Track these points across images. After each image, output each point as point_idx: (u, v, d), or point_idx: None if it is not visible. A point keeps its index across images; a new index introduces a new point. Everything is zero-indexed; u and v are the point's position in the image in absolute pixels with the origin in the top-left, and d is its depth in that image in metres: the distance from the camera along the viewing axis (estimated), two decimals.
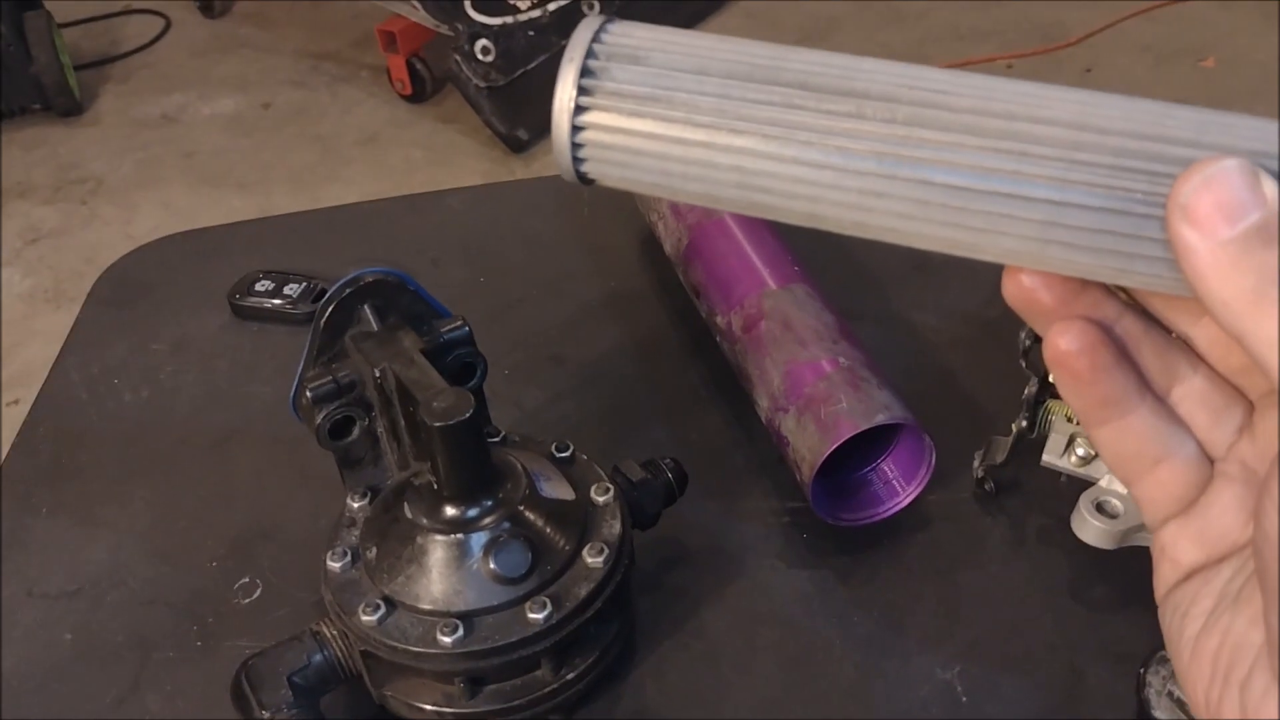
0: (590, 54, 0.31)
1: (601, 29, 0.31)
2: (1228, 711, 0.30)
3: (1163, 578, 0.33)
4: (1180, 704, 0.50)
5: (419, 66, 2.59)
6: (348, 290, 0.54)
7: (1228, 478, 0.32)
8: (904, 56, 0.31)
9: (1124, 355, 0.32)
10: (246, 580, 0.62)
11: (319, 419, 0.53)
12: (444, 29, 2.37)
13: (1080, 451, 0.57)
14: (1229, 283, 0.27)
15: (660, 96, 0.30)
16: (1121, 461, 0.33)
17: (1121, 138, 0.28)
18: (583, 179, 0.32)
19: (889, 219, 0.30)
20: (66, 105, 2.69)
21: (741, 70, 0.30)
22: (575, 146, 0.31)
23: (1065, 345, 0.31)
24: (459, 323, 0.56)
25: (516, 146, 2.42)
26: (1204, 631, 0.31)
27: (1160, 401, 0.32)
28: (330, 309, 0.54)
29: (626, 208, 0.83)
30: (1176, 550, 0.33)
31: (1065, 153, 0.28)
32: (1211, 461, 0.33)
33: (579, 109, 0.31)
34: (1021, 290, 0.31)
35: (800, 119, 0.29)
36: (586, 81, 0.30)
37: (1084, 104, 0.29)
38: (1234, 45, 2.65)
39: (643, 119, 0.30)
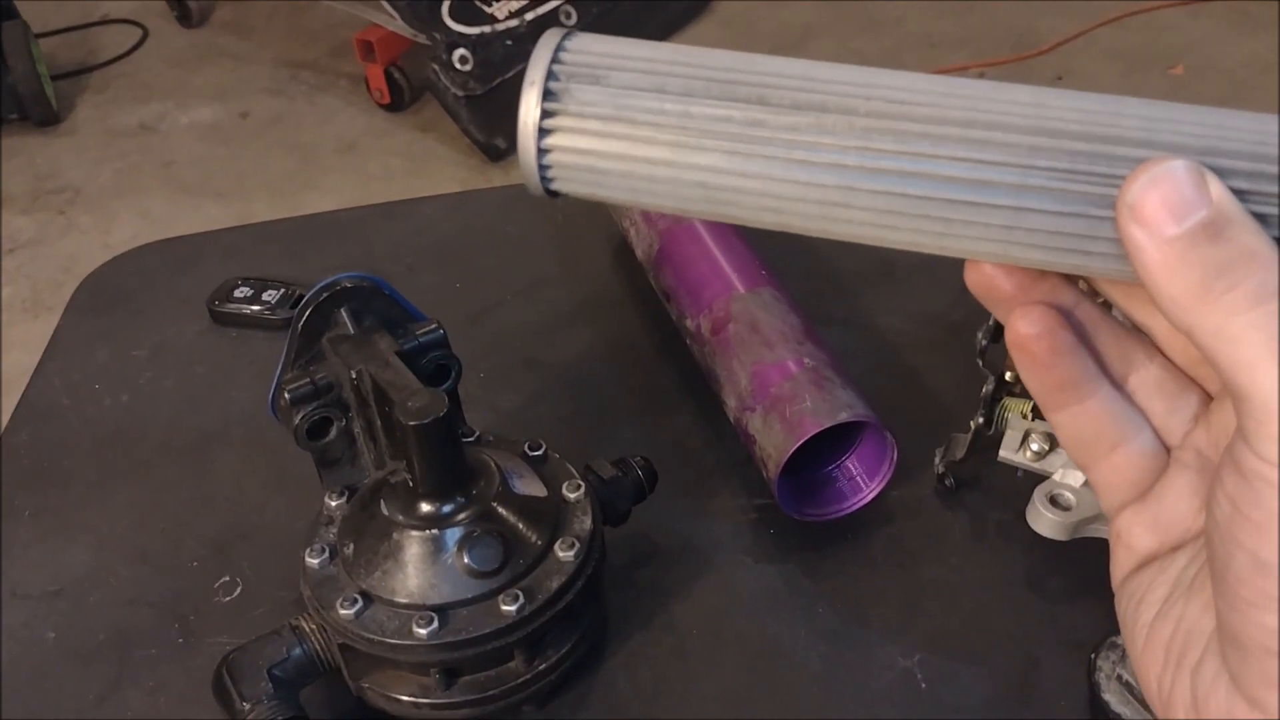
0: (551, 75, 0.31)
1: (560, 48, 0.32)
2: (1178, 697, 0.31)
3: (1119, 564, 0.34)
4: (1128, 686, 0.52)
5: (397, 75, 2.61)
6: (325, 294, 0.56)
7: (1183, 465, 0.33)
8: (878, 64, 0.33)
9: (1082, 341, 0.33)
10: (227, 579, 0.63)
11: (297, 420, 0.55)
12: (422, 38, 2.38)
13: (1035, 447, 0.59)
14: (1176, 278, 0.28)
15: (622, 116, 0.31)
16: (1079, 446, 0.34)
17: (1076, 140, 0.29)
18: (551, 194, 0.33)
19: (853, 226, 0.31)
20: (44, 115, 2.69)
21: (699, 86, 0.31)
22: (543, 166, 0.32)
23: (1025, 329, 0.32)
24: (434, 326, 0.58)
25: (494, 155, 2.44)
26: (1158, 618, 0.32)
27: (1117, 388, 0.33)
28: (308, 313, 0.55)
29: (599, 214, 0.85)
30: (1132, 537, 0.34)
31: (1022, 158, 0.29)
32: (1168, 449, 0.33)
33: (543, 132, 0.31)
34: (982, 277, 0.32)
35: (761, 134, 0.30)
36: (550, 104, 0.31)
37: (1040, 106, 0.30)
38: (1203, 53, 2.69)
39: (606, 139, 0.31)
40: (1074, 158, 0.29)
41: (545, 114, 0.31)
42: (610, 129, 0.31)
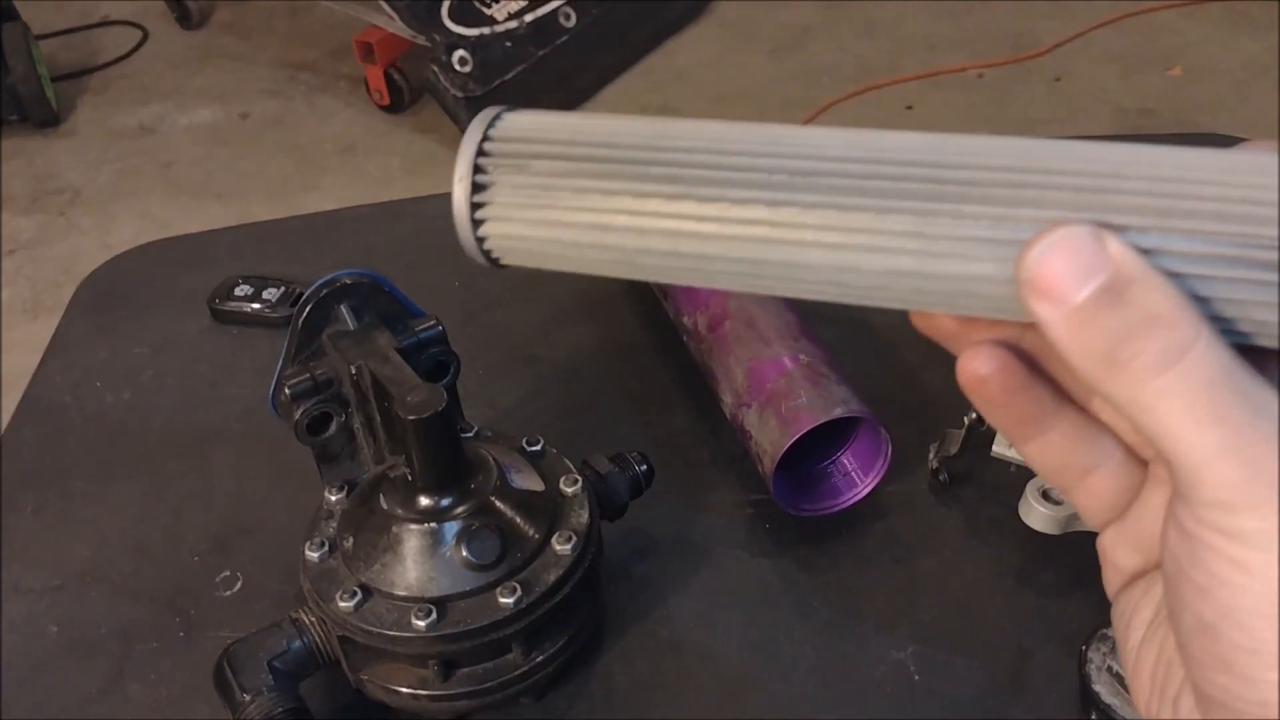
0: (478, 169, 0.33)
1: (485, 136, 0.34)
2: None
3: (1108, 581, 0.34)
4: (1119, 678, 0.52)
5: (396, 77, 2.61)
6: (325, 291, 0.56)
7: (1158, 481, 0.32)
8: (877, 66, 0.33)
9: (1036, 371, 0.32)
10: (227, 573, 0.64)
11: (297, 415, 0.56)
12: (421, 40, 2.39)
13: None
14: (1084, 349, 0.27)
15: (544, 203, 0.33)
16: (1051, 474, 0.34)
17: (978, 205, 0.29)
18: (497, 265, 0.35)
19: (771, 284, 0.31)
20: (44, 116, 2.69)
21: (613, 169, 0.32)
22: (482, 247, 0.34)
23: (974, 370, 0.32)
24: (432, 322, 0.58)
25: None
26: (1144, 643, 0.32)
27: (1081, 411, 0.32)
28: (308, 309, 0.56)
29: None
30: (1117, 555, 0.33)
31: (920, 225, 0.29)
32: (1145, 463, 0.33)
33: (476, 222, 0.34)
34: (923, 317, 0.32)
35: (675, 209, 0.31)
36: (479, 197, 0.33)
37: (937, 165, 0.30)
38: (1201, 54, 2.69)
39: (532, 225, 0.33)
40: (977, 218, 0.29)
41: (475, 205, 0.34)
42: (534, 215, 0.33)
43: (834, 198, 0.30)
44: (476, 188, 0.34)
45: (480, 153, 0.34)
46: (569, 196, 0.32)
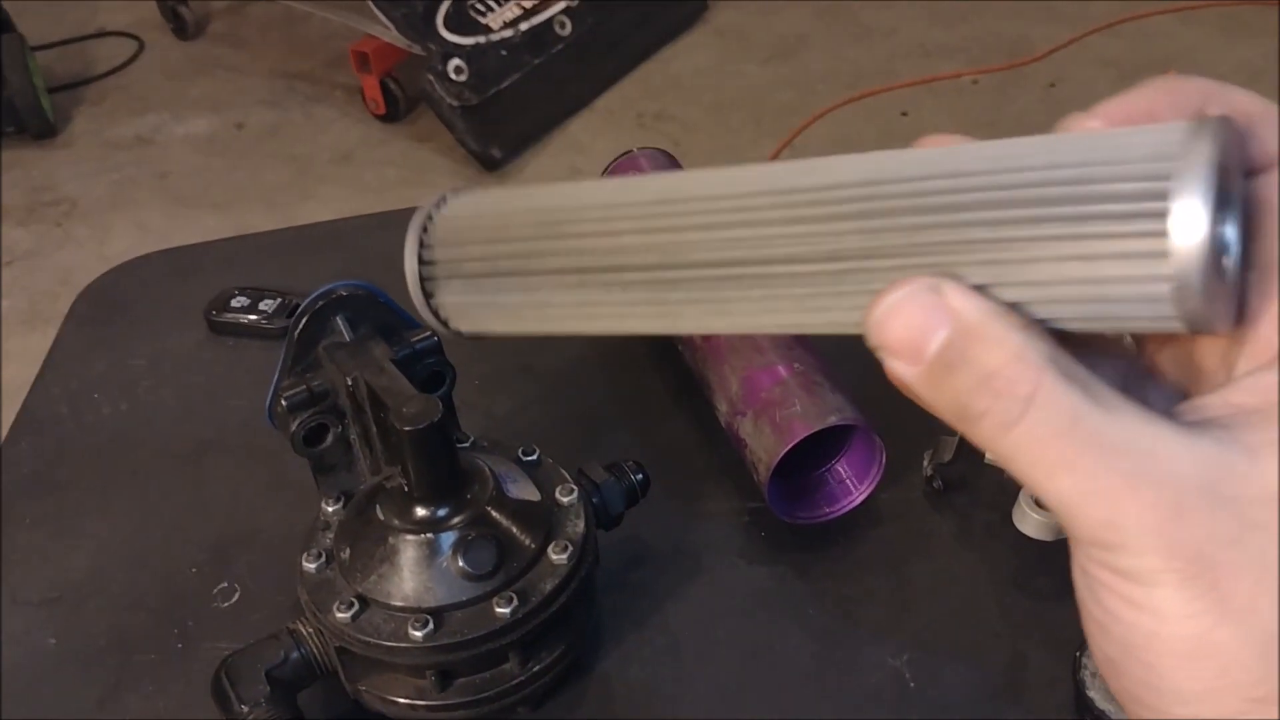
0: (423, 276, 0.40)
1: (424, 229, 0.40)
2: None
3: None
4: None
5: (392, 86, 2.61)
6: (321, 303, 0.56)
7: None
8: (872, 73, 0.35)
9: None
10: (225, 585, 0.64)
11: (294, 426, 0.56)
12: (417, 49, 2.39)
13: None
14: (938, 406, 0.28)
15: (482, 300, 0.38)
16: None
17: (824, 264, 0.30)
18: (460, 335, 0.41)
19: (689, 326, 0.34)
20: (40, 128, 2.69)
21: (529, 247, 0.36)
22: (438, 318, 0.40)
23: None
24: (428, 334, 0.58)
25: (490, 164, 2.45)
26: None
27: None
28: (304, 321, 0.56)
29: None
30: None
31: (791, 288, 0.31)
32: None
33: (433, 310, 0.40)
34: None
35: (584, 279, 0.35)
36: (428, 288, 0.40)
37: (792, 217, 0.31)
38: (1195, 60, 2.70)
39: (476, 311, 0.39)
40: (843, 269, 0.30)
41: (427, 294, 0.40)
42: (476, 304, 0.39)
43: (707, 292, 0.33)
44: (424, 284, 0.40)
45: (421, 261, 0.40)
46: (502, 297, 0.38)
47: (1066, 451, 0.26)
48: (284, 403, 0.55)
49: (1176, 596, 0.26)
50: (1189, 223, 0.25)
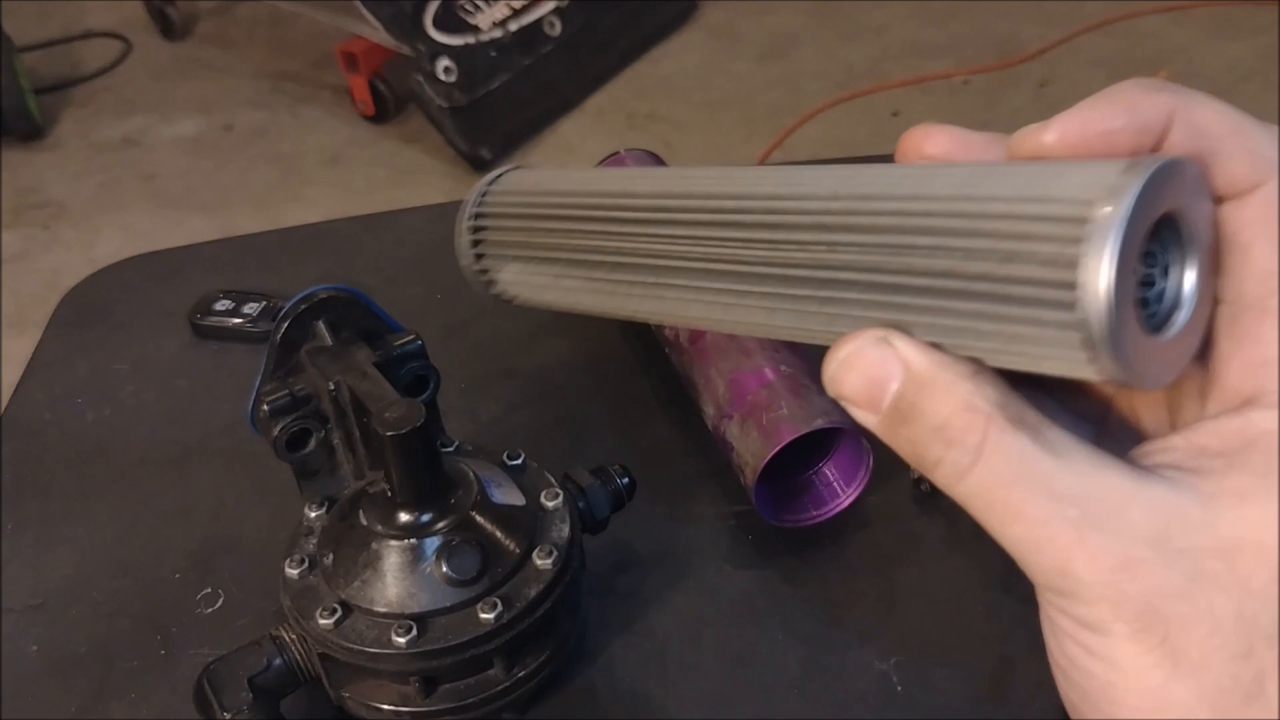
0: (477, 256, 0.44)
1: (481, 195, 0.45)
2: None
3: None
4: None
5: (381, 86, 2.61)
6: (302, 306, 0.56)
7: None
8: (863, 72, 0.35)
9: None
10: (208, 591, 0.64)
11: (276, 432, 0.55)
12: (405, 49, 2.39)
13: None
14: (900, 453, 0.29)
15: (530, 281, 0.42)
16: None
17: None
18: (507, 301, 0.46)
19: (702, 325, 0.38)
20: (26, 129, 2.69)
21: (568, 230, 0.39)
22: (493, 295, 0.46)
23: None
24: (411, 336, 0.58)
25: (479, 165, 2.44)
26: None
27: None
28: (285, 325, 0.56)
29: None
30: None
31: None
32: None
33: (486, 284, 0.45)
34: None
35: (619, 286, 0.38)
36: (481, 265, 0.44)
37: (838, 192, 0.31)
38: (1187, 58, 2.71)
39: (527, 288, 0.43)
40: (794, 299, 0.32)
41: (480, 270, 0.45)
42: (526, 283, 0.43)
43: (722, 283, 0.34)
44: (479, 263, 0.45)
45: (474, 245, 0.44)
46: (548, 278, 0.41)
47: (1015, 500, 0.27)
48: (266, 408, 0.55)
49: (1129, 649, 0.26)
50: (1094, 295, 0.24)
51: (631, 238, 0.36)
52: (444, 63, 2.37)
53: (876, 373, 0.28)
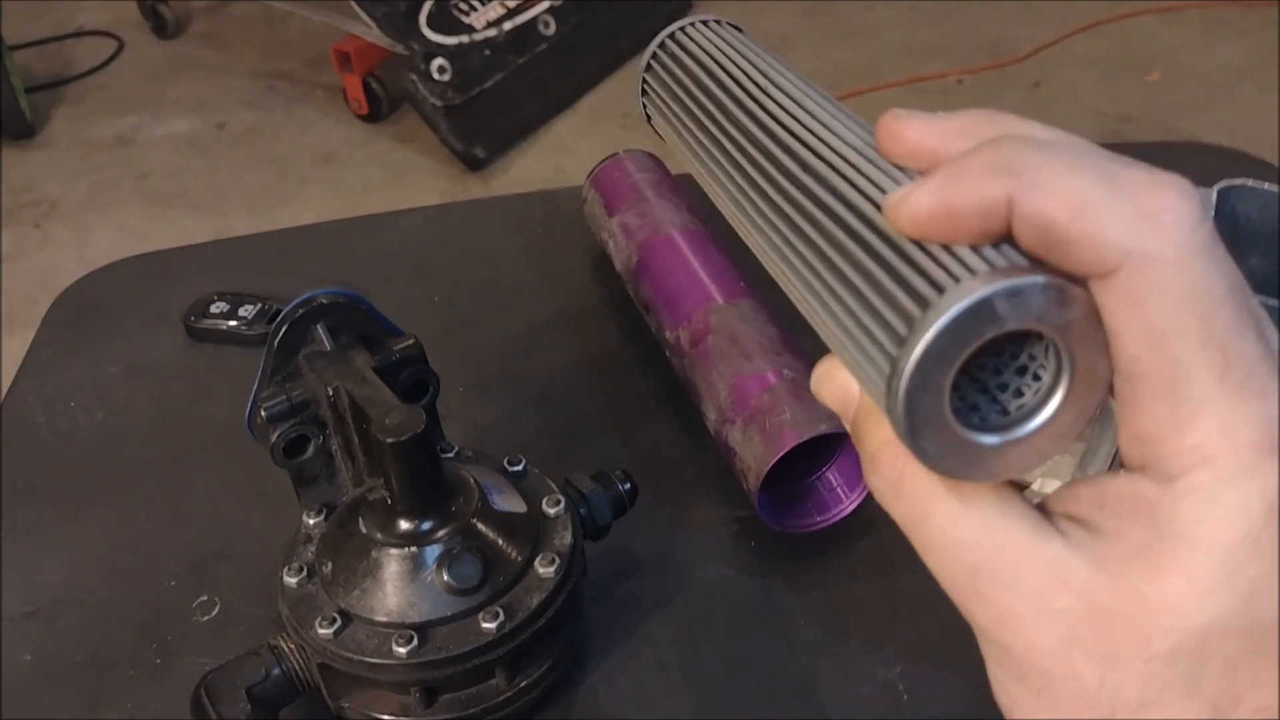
0: (657, 62, 0.43)
1: (678, 29, 0.44)
2: None
3: None
4: None
5: (375, 86, 2.60)
6: (301, 311, 0.55)
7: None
8: (856, 74, 0.35)
9: None
10: (204, 598, 0.63)
11: (274, 438, 0.55)
12: (399, 48, 2.38)
13: None
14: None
15: (671, 115, 0.42)
16: None
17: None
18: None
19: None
20: (18, 128, 2.67)
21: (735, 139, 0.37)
22: (645, 108, 0.45)
23: None
24: (411, 341, 0.57)
25: (474, 164, 2.43)
26: None
27: None
28: (284, 329, 0.55)
29: (578, 225, 0.85)
30: None
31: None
32: None
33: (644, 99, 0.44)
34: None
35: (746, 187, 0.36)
36: (648, 75, 0.44)
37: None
38: (1178, 59, 2.71)
39: (665, 130, 0.43)
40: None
41: (644, 93, 0.45)
42: (668, 119, 0.43)
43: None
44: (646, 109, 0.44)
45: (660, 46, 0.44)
46: (686, 124, 0.40)
47: (924, 535, 0.29)
48: (264, 413, 0.54)
49: (1016, 688, 0.28)
50: (896, 390, 0.26)
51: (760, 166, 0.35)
52: (438, 62, 2.36)
53: (844, 392, 0.31)
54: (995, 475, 0.28)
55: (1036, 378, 0.28)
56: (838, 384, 0.32)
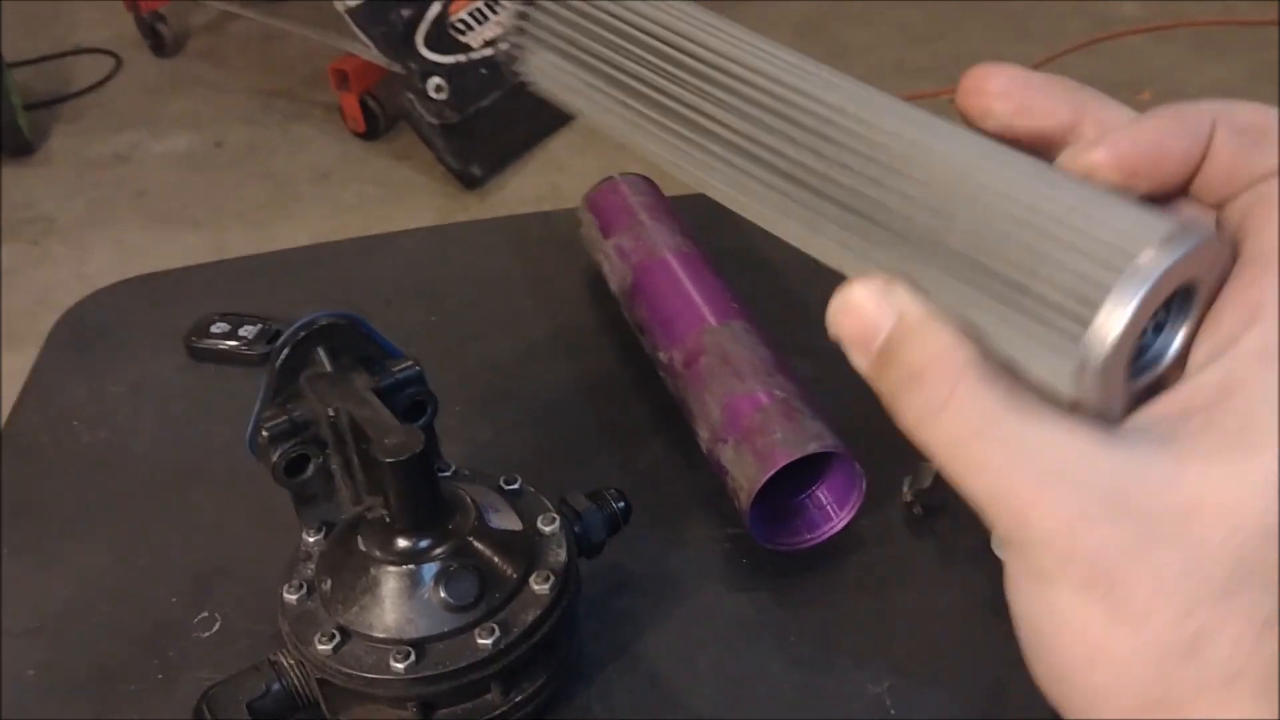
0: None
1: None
2: None
3: None
4: None
5: (372, 104, 2.61)
6: (302, 333, 0.56)
7: None
8: None
9: None
10: (206, 614, 0.64)
11: (275, 457, 0.56)
12: (397, 67, 2.40)
13: None
14: (881, 394, 0.30)
15: (570, 53, 0.37)
16: None
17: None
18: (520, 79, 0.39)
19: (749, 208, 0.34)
20: (17, 145, 2.68)
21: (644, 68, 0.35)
22: (510, 60, 0.39)
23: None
24: (410, 363, 0.58)
25: (470, 183, 2.45)
26: None
27: None
28: (285, 352, 0.56)
29: (574, 248, 0.86)
30: None
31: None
32: None
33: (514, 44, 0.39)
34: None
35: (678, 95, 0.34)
36: (526, 24, 0.38)
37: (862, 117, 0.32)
38: (1170, 78, 2.73)
39: (544, 75, 0.38)
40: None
41: (516, 35, 0.38)
42: (557, 79, 0.38)
43: (771, 177, 0.33)
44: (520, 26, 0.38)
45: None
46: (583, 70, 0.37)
47: (980, 450, 0.28)
48: (265, 433, 0.55)
49: (1073, 599, 0.28)
50: (1101, 342, 0.26)
51: (693, 89, 0.35)
52: (435, 81, 2.38)
53: (873, 319, 0.30)
54: (1113, 418, 0.28)
55: (1165, 309, 0.29)
56: (865, 312, 0.30)
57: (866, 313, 0.30)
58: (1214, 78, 2.72)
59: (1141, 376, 0.29)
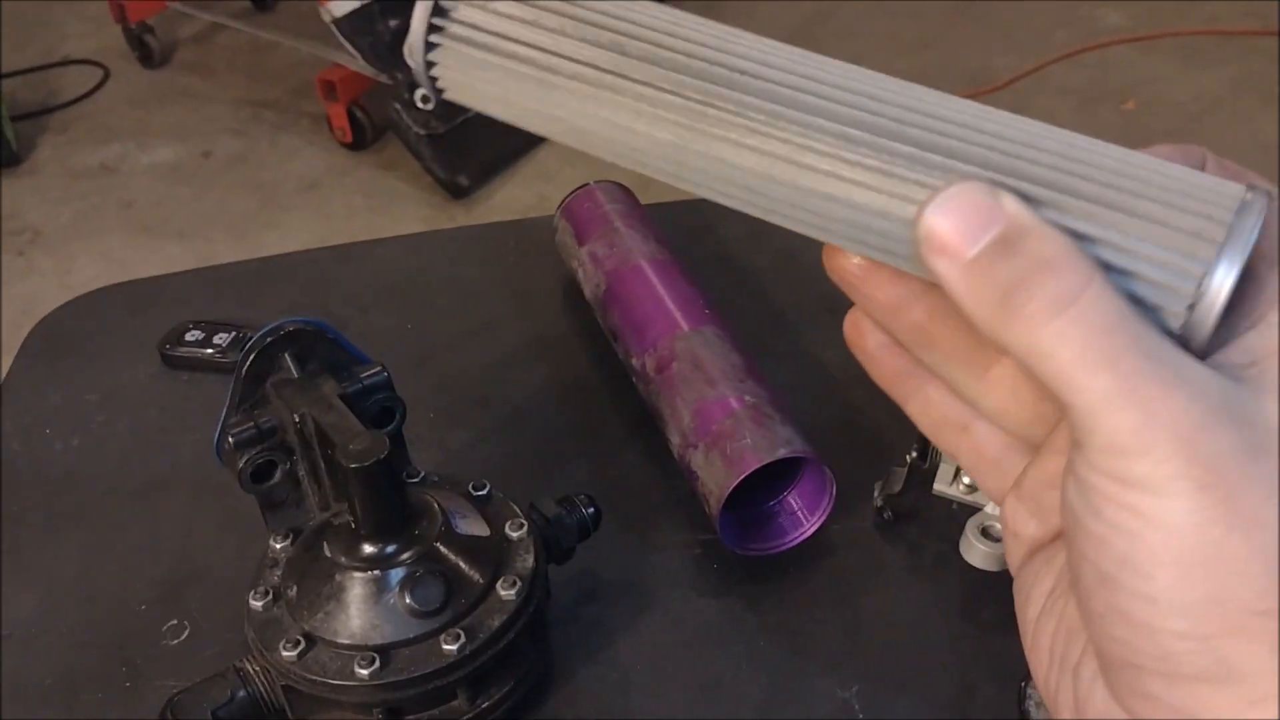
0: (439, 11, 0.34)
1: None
2: (1063, 698, 0.31)
3: (1010, 553, 0.34)
4: None
5: (359, 114, 2.62)
6: (268, 339, 0.56)
7: (1052, 449, 0.32)
8: None
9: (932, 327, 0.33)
10: (175, 622, 0.64)
11: (241, 464, 0.56)
12: (383, 78, 2.40)
13: (966, 480, 0.60)
14: (980, 300, 0.28)
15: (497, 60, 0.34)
16: (933, 433, 0.35)
17: (900, 143, 0.29)
18: (441, 98, 0.36)
19: (691, 182, 0.32)
20: (4, 156, 2.68)
21: (570, 26, 0.33)
22: (428, 68, 0.36)
23: (850, 328, 0.34)
24: (378, 369, 0.58)
25: (457, 193, 2.45)
26: (1043, 615, 0.32)
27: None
28: (251, 358, 0.56)
29: (550, 256, 0.86)
30: (1017, 523, 0.33)
31: (840, 148, 0.30)
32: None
33: (431, 45, 0.35)
34: (831, 259, 0.33)
35: (616, 83, 0.32)
36: (432, 40, 0.35)
37: (878, 101, 0.30)
38: (1153, 88, 2.74)
39: (459, 79, 0.35)
40: (893, 155, 0.29)
41: (430, 48, 0.35)
42: (484, 76, 0.35)
43: (763, 102, 0.30)
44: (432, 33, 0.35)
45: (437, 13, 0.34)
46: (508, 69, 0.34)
47: (1112, 347, 0.27)
48: (231, 440, 0.55)
49: (1188, 504, 0.27)
50: (1219, 282, 0.27)
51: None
52: (422, 91, 2.37)
53: (981, 217, 0.28)
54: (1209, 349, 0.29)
55: None
56: (973, 207, 0.28)
57: (978, 206, 0.28)
58: (1197, 87, 2.73)
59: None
